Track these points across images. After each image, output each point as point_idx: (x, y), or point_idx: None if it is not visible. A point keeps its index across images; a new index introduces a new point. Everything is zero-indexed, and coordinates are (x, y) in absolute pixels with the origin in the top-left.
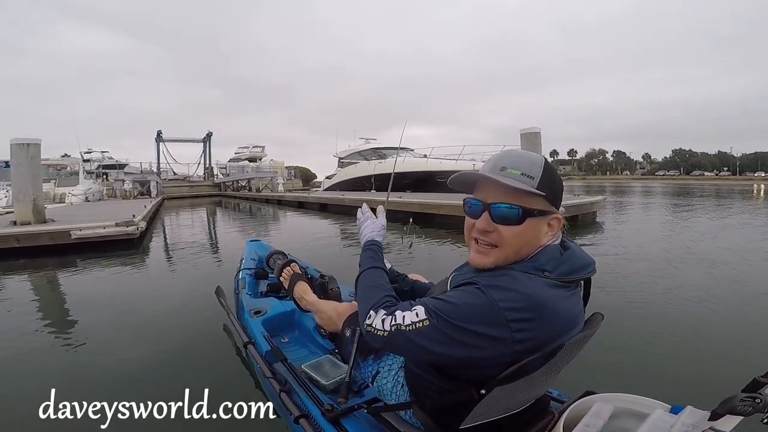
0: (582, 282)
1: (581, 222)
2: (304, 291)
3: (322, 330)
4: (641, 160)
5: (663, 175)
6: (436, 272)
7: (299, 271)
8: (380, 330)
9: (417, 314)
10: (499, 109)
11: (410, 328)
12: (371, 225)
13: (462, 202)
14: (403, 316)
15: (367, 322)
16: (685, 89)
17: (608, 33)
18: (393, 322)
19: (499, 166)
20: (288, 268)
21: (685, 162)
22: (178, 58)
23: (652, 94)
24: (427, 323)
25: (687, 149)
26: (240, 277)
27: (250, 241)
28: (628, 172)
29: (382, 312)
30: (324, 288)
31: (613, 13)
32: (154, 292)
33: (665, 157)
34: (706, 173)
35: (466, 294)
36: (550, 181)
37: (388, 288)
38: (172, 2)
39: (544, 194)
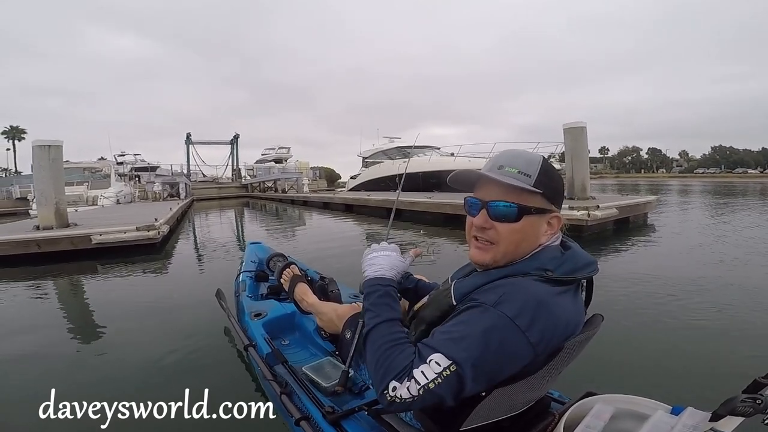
0: (584, 283)
1: (632, 224)
2: (304, 293)
3: (323, 332)
4: (678, 157)
5: (702, 173)
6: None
7: (299, 273)
8: (408, 397)
9: (438, 363)
10: (526, 108)
11: (437, 382)
12: (387, 259)
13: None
14: (422, 373)
15: (392, 394)
16: (725, 86)
17: (642, 29)
18: (417, 385)
19: (497, 165)
20: (288, 270)
21: (726, 159)
22: (207, 63)
23: (689, 91)
24: (453, 369)
25: (728, 146)
26: (240, 279)
27: (251, 243)
28: (664, 170)
29: (405, 380)
30: (324, 290)
31: (647, 7)
32: (159, 295)
33: (704, 154)
34: (749, 170)
35: (477, 319)
36: (548, 179)
37: (404, 341)
38: (201, 8)
39: (540, 192)
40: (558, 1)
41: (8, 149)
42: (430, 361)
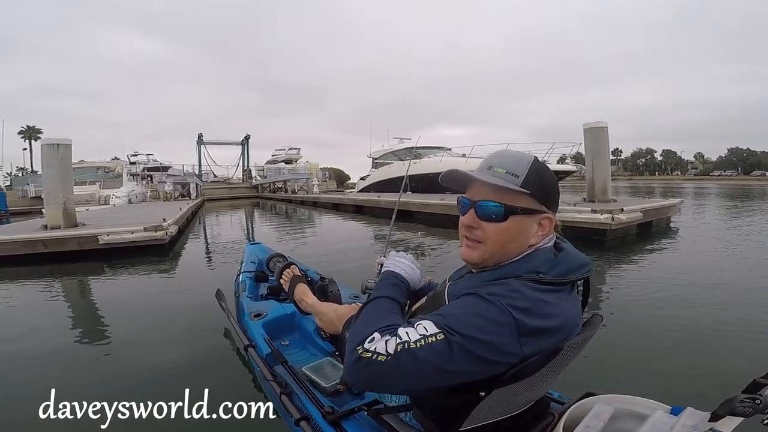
0: (580, 283)
1: (655, 228)
2: (304, 293)
3: (323, 332)
4: (693, 159)
5: (719, 175)
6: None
7: (299, 274)
8: (382, 354)
9: (426, 328)
10: (538, 109)
11: (421, 343)
12: (410, 269)
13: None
14: (407, 332)
15: (366, 346)
16: (742, 86)
17: (656, 28)
18: (398, 341)
19: (487, 166)
20: (288, 270)
21: (742, 161)
22: (219, 64)
23: (704, 92)
24: (441, 337)
25: (744, 148)
26: (240, 279)
27: (251, 243)
28: (679, 173)
29: (387, 335)
30: (324, 290)
31: (659, 7)
32: (161, 296)
33: (720, 157)
34: (767, 173)
35: (470, 304)
36: (538, 179)
37: (400, 319)
38: (211, 9)
39: (528, 192)
40: (572, 1)
41: (24, 149)
42: (417, 325)
